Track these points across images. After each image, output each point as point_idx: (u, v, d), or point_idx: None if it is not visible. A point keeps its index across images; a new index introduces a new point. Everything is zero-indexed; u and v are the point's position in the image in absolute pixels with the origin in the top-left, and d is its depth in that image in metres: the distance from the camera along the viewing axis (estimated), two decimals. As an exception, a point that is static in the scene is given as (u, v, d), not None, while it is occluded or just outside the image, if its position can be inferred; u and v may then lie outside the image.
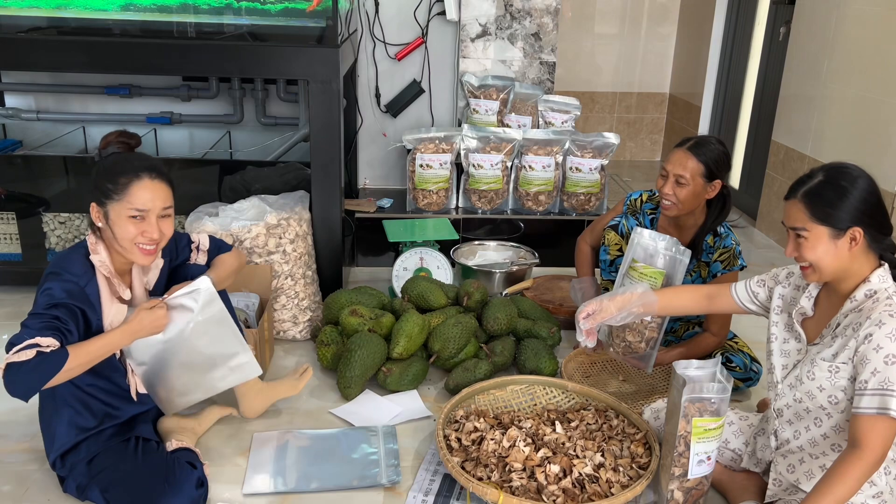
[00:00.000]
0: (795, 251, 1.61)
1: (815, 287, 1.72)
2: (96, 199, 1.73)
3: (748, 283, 1.87)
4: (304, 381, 2.20)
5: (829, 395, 1.60)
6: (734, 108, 4.54)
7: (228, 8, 2.69)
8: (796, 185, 1.61)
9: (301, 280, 2.64)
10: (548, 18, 3.69)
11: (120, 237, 1.73)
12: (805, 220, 1.57)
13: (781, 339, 1.75)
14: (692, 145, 2.24)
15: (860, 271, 1.59)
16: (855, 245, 1.56)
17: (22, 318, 1.66)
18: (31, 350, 1.54)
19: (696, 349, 2.30)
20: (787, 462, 1.72)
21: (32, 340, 1.55)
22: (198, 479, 1.76)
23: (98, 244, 1.76)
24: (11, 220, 2.88)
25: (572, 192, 3.44)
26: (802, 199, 1.57)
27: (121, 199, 1.70)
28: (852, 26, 3.21)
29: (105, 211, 1.72)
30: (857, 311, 1.59)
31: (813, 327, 1.70)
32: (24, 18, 2.68)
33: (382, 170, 3.94)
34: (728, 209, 2.31)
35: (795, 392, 1.67)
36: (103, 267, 1.75)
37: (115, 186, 1.70)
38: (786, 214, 1.62)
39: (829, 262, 1.57)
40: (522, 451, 1.86)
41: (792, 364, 1.71)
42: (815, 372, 1.61)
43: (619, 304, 1.94)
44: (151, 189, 1.73)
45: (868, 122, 3.10)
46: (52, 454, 1.78)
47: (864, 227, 1.55)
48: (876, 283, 1.58)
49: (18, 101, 3.47)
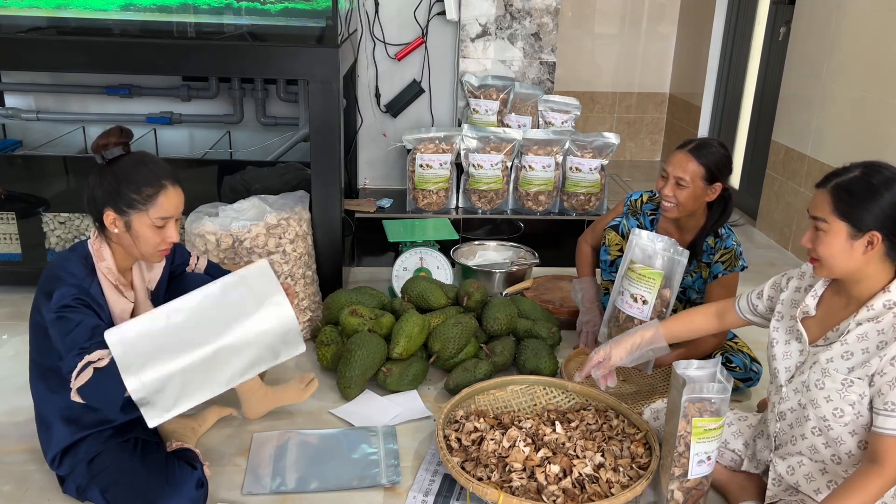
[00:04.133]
0: (811, 242, 1.58)
1: (821, 286, 1.69)
2: (115, 207, 1.68)
3: (749, 297, 1.87)
4: (310, 391, 2.19)
5: (834, 407, 1.58)
6: (734, 108, 4.55)
7: (228, 8, 2.69)
8: (831, 175, 1.57)
9: (301, 280, 2.64)
10: (548, 18, 3.69)
11: (142, 244, 1.71)
12: (827, 212, 1.54)
13: (783, 342, 1.73)
14: (693, 148, 2.24)
15: (876, 277, 1.56)
16: (871, 249, 1.52)
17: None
18: (88, 370, 1.55)
19: (695, 349, 2.30)
20: (787, 464, 1.72)
21: (84, 361, 1.55)
22: (198, 480, 1.75)
23: (102, 248, 1.74)
24: (11, 220, 2.88)
25: (572, 192, 3.44)
26: (831, 190, 1.54)
27: (146, 210, 1.68)
28: (852, 26, 3.21)
29: (127, 220, 1.68)
30: (876, 321, 1.55)
31: (815, 327, 1.68)
32: (24, 18, 2.68)
33: (382, 170, 3.94)
34: (729, 211, 2.31)
35: (800, 397, 1.65)
36: (110, 274, 1.73)
37: (139, 197, 1.67)
38: (812, 202, 1.58)
39: (840, 261, 1.55)
40: (522, 452, 1.86)
41: (795, 365, 1.69)
42: (825, 382, 1.59)
43: (627, 349, 1.94)
44: (176, 196, 1.72)
45: (868, 122, 3.10)
46: (50, 452, 1.77)
47: (884, 234, 1.51)
48: (895, 294, 1.55)
49: (18, 101, 3.46)
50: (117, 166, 1.69)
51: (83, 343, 1.57)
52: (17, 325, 2.67)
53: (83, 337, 1.58)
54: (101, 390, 1.54)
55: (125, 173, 1.68)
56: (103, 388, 1.54)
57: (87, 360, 1.55)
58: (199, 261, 2.06)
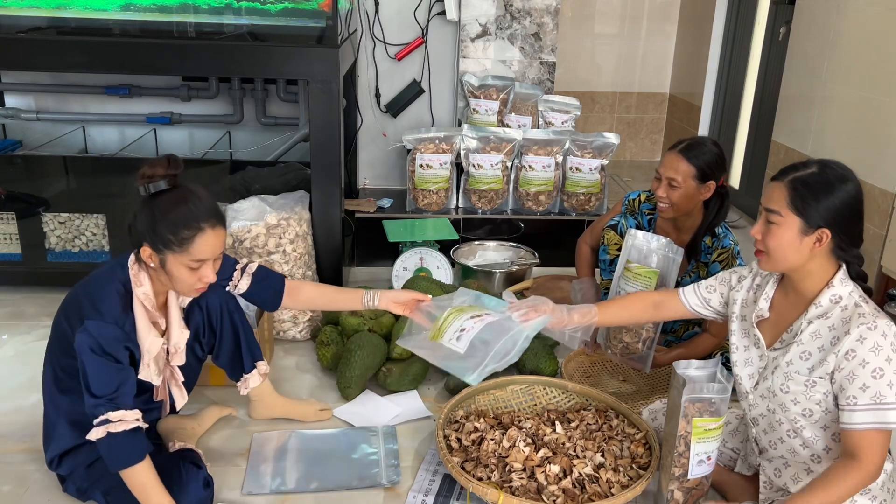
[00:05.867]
0: (760, 234, 1.59)
1: (770, 287, 1.69)
2: (152, 243, 1.61)
3: (697, 288, 1.85)
4: (320, 417, 2.18)
5: (803, 409, 1.59)
6: (734, 108, 4.54)
7: (228, 8, 2.69)
8: (788, 170, 1.58)
9: (301, 280, 2.64)
10: (548, 18, 3.69)
11: (177, 283, 1.67)
12: (782, 205, 1.54)
13: (742, 348, 1.73)
14: (683, 148, 2.24)
15: (820, 273, 1.57)
16: (819, 246, 1.53)
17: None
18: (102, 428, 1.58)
19: (695, 349, 2.30)
20: (773, 466, 1.72)
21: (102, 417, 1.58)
22: (204, 480, 1.75)
23: (140, 274, 1.68)
24: (11, 220, 2.88)
25: (572, 192, 3.44)
26: (789, 184, 1.54)
27: (182, 252, 1.61)
28: (852, 26, 3.21)
29: (162, 258, 1.63)
30: (825, 317, 1.56)
31: (770, 330, 1.68)
32: (24, 18, 2.68)
33: (382, 170, 3.94)
34: (726, 209, 2.31)
35: (768, 403, 1.66)
36: (146, 300, 1.68)
37: (176, 239, 1.60)
38: (766, 194, 1.59)
39: (787, 255, 1.55)
40: (522, 452, 1.86)
41: (756, 372, 1.69)
42: (789, 385, 1.60)
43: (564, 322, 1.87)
44: (214, 238, 1.64)
45: (868, 122, 3.10)
46: (50, 453, 1.77)
47: (833, 231, 1.52)
48: (839, 288, 1.56)
49: (18, 101, 3.46)
50: (159, 201, 1.61)
51: (108, 394, 1.59)
52: (17, 325, 2.67)
53: (109, 388, 1.59)
54: (112, 453, 1.60)
55: (164, 211, 1.60)
56: (112, 451, 1.60)
57: (106, 418, 1.58)
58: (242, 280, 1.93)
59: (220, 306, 1.94)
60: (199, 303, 1.90)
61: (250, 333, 2.01)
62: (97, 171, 3.05)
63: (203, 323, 1.93)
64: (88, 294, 1.66)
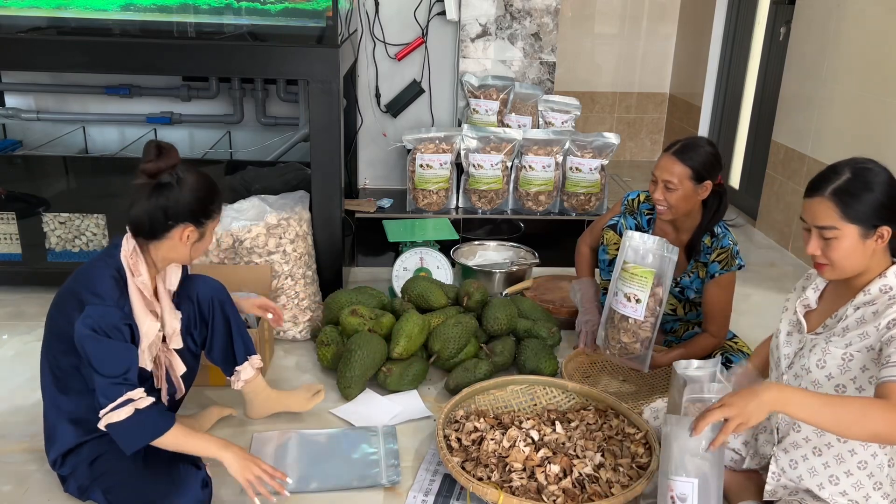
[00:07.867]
0: (818, 249, 1.57)
1: (822, 280, 1.71)
2: (195, 220, 1.73)
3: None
4: (316, 402, 2.18)
5: (836, 384, 1.59)
6: (734, 108, 4.55)
7: (228, 8, 2.69)
8: (821, 183, 1.56)
9: (301, 280, 2.64)
10: (548, 18, 3.69)
11: (200, 250, 1.81)
12: (835, 220, 1.53)
13: (785, 332, 1.75)
14: (677, 150, 2.24)
15: (876, 268, 1.59)
16: (881, 243, 1.54)
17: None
18: (128, 407, 1.61)
19: (695, 349, 2.30)
20: (790, 457, 1.72)
21: (125, 397, 1.61)
22: (203, 480, 1.75)
23: (139, 263, 1.73)
24: (11, 220, 2.88)
25: (572, 192, 3.45)
26: (832, 197, 1.53)
27: (216, 217, 1.80)
28: (852, 26, 3.22)
29: (202, 231, 1.77)
30: (871, 304, 1.57)
31: (815, 318, 1.70)
32: (24, 18, 2.68)
33: (382, 170, 3.94)
34: (724, 208, 2.31)
35: (801, 382, 1.66)
36: (144, 289, 1.73)
37: (216, 206, 1.79)
38: (809, 212, 1.57)
39: (853, 261, 1.56)
40: (522, 451, 1.86)
41: (793, 353, 1.71)
42: (826, 360, 1.60)
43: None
44: None
45: (868, 122, 3.10)
46: (53, 453, 1.77)
47: (892, 225, 1.53)
48: (892, 280, 1.57)
49: (18, 101, 3.46)
50: (187, 182, 1.73)
51: (123, 373, 1.62)
52: (16, 325, 2.67)
53: (122, 366, 1.62)
54: (138, 430, 1.63)
55: (198, 189, 1.74)
56: (140, 428, 1.63)
57: (129, 397, 1.61)
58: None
59: (210, 297, 1.96)
60: (190, 294, 1.93)
61: (242, 325, 2.02)
62: (97, 171, 3.05)
63: (194, 314, 1.94)
64: (83, 283, 1.69)
